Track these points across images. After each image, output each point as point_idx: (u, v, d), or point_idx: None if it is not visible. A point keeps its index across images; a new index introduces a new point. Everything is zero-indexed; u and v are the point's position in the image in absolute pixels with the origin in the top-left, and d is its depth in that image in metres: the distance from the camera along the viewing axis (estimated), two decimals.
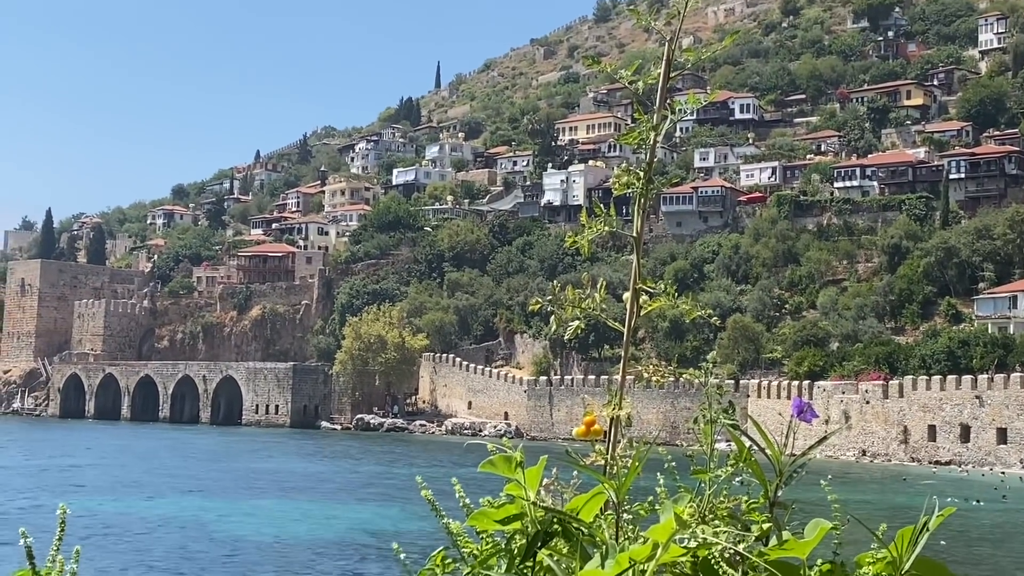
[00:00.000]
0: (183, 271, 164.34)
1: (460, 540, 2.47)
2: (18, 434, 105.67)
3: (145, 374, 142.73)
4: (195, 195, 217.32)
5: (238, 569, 30.58)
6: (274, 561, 32.18)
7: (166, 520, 41.04)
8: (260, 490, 53.83)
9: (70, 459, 71.39)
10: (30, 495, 47.69)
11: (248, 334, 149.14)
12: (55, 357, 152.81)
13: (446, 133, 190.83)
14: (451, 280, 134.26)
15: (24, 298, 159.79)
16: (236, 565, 31.25)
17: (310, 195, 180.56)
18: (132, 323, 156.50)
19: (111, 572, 28.78)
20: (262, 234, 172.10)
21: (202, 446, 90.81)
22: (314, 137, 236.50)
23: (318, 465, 72.50)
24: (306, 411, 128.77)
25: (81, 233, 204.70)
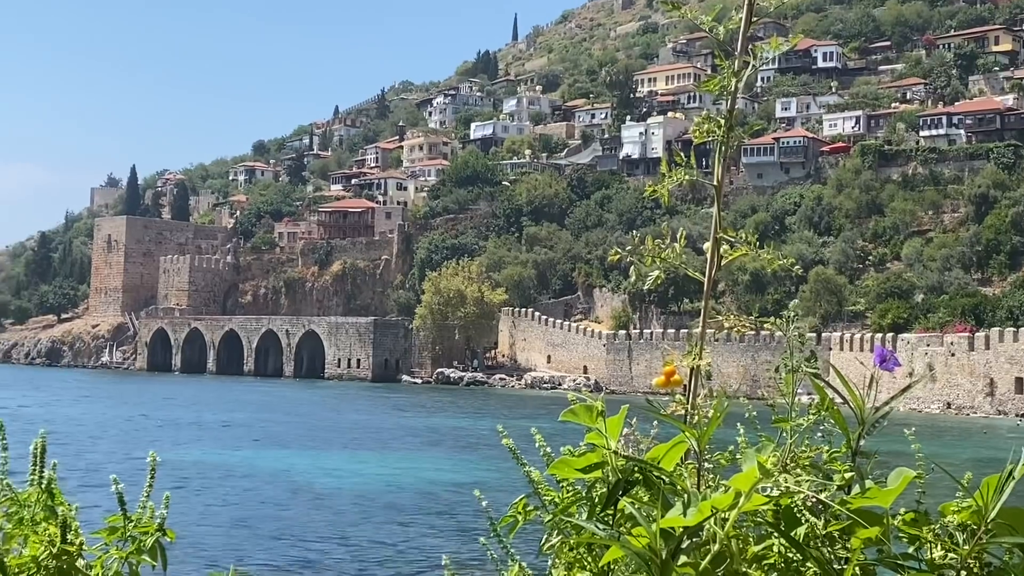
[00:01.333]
0: (265, 227, 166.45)
1: (541, 488, 2.50)
2: (109, 387, 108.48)
3: (229, 328, 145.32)
4: (275, 151, 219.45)
5: (323, 519, 31.17)
6: (359, 511, 32.73)
7: (254, 471, 41.92)
8: (343, 442, 54.68)
9: (161, 411, 73.15)
10: (125, 445, 48.99)
11: (329, 289, 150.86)
12: (142, 312, 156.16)
13: (524, 86, 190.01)
14: (529, 234, 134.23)
15: (111, 254, 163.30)
16: (321, 516, 31.86)
17: (388, 150, 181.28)
18: (216, 278, 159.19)
19: (201, 521, 29.52)
20: (342, 190, 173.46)
21: (287, 398, 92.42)
22: (392, 92, 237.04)
23: (401, 418, 73.40)
24: (387, 365, 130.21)
25: (165, 190, 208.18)
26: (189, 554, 23.61)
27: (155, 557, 2.42)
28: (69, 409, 71.99)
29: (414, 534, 28.56)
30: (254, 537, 27.93)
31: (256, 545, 26.91)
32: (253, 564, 23.49)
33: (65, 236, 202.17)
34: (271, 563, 24.54)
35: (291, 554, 25.83)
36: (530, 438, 2.49)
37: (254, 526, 29.54)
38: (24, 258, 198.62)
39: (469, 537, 25.65)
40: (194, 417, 68.39)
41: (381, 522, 30.62)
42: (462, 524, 29.12)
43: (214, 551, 25.18)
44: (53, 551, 2.35)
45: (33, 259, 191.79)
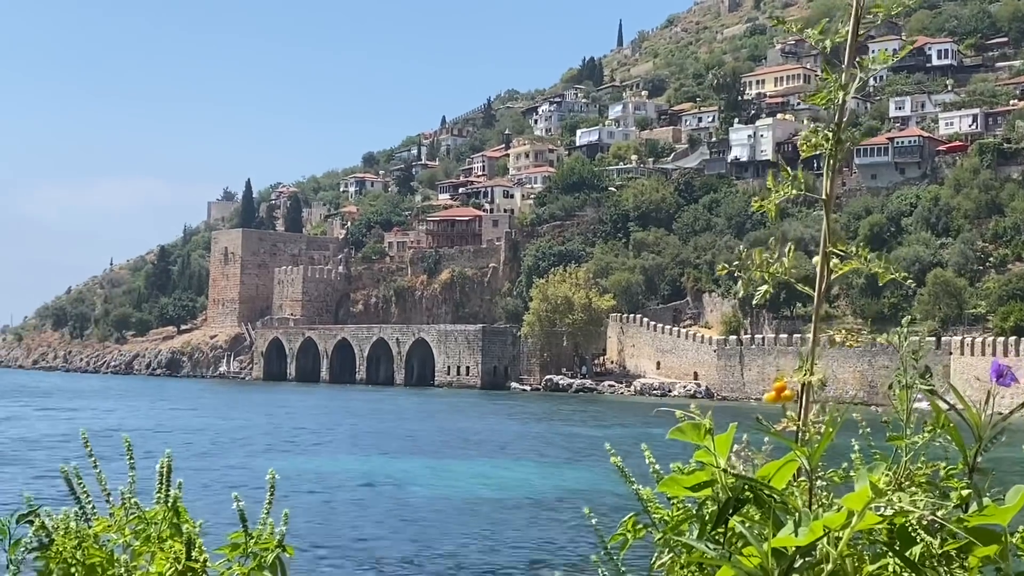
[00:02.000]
0: (375, 237, 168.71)
1: (651, 506, 2.49)
2: (226, 396, 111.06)
3: (342, 337, 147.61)
4: (384, 162, 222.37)
5: (431, 527, 31.41)
6: (466, 520, 32.91)
7: (367, 479, 42.44)
8: (453, 449, 55.08)
9: (279, 419, 74.62)
10: (246, 454, 50.09)
11: (438, 297, 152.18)
12: (257, 322, 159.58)
13: (629, 92, 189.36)
14: (637, 240, 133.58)
15: (227, 266, 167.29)
16: (428, 523, 32.10)
17: (495, 159, 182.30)
18: (328, 288, 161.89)
19: (316, 531, 29.99)
20: (449, 199, 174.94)
21: (398, 406, 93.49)
22: (498, 101, 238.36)
23: (510, 424, 73.64)
24: (496, 372, 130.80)
25: (279, 202, 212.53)
26: (308, 569, 24.02)
27: (275, 573, 2.48)
28: (193, 419, 73.92)
29: (524, 547, 28.60)
30: (371, 547, 28.28)
31: (373, 554, 27.23)
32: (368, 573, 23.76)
33: (183, 249, 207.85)
34: (386, 572, 24.80)
35: (402, 565, 26.07)
36: (642, 444, 2.51)
37: (370, 536, 29.92)
38: (144, 271, 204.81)
39: (579, 553, 25.61)
40: (311, 425, 69.60)
41: (490, 533, 30.74)
42: (572, 537, 29.07)
43: (330, 564, 25.56)
44: (179, 568, 2.40)
45: (153, 272, 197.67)
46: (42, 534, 2.44)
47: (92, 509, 2.58)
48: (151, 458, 2.67)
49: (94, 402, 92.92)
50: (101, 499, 2.63)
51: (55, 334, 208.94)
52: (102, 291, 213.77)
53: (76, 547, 2.41)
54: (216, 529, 2.67)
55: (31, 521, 2.45)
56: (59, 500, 2.70)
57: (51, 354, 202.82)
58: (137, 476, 2.63)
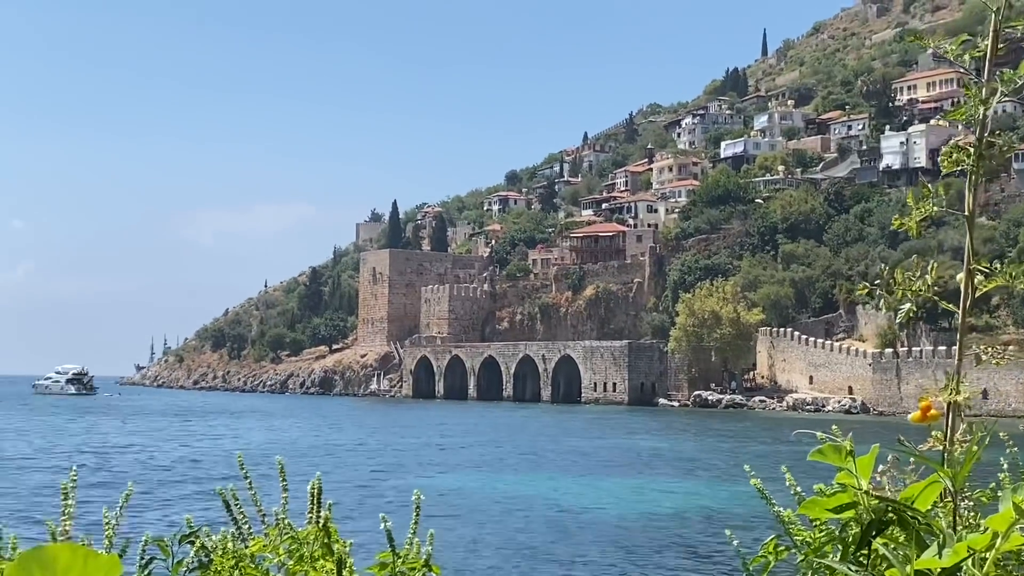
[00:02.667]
0: (519, 254, 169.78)
1: (792, 528, 2.49)
2: (379, 414, 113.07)
3: (488, 355, 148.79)
4: (527, 180, 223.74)
5: (576, 545, 31.36)
6: (610, 538, 32.77)
7: (514, 496, 42.65)
8: (600, 466, 54.89)
9: (432, 437, 75.61)
10: (387, 471, 50.92)
11: (583, 313, 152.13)
12: (406, 341, 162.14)
13: (775, 101, 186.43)
14: (786, 252, 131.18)
15: (376, 286, 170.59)
16: (574, 541, 32.06)
17: (638, 173, 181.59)
18: (474, 306, 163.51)
19: (464, 550, 30.26)
20: (592, 215, 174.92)
21: (546, 423, 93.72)
22: (640, 115, 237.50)
23: (656, 442, 73.06)
24: (643, 388, 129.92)
25: (424, 222, 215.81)
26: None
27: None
28: (350, 437, 75.52)
29: (664, 567, 28.33)
30: (515, 565, 28.39)
31: (521, 571, 27.33)
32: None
33: (333, 270, 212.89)
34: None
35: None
36: (793, 463, 2.51)
37: (515, 553, 30.04)
38: (297, 292, 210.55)
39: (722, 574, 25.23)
40: (459, 442, 70.35)
41: (634, 551, 30.55)
42: (715, 559, 28.66)
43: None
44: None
45: (305, 293, 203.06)
46: (202, 554, 2.55)
47: (248, 529, 2.67)
48: (309, 477, 2.77)
49: (256, 422, 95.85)
50: (257, 520, 2.74)
51: (214, 355, 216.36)
52: (257, 312, 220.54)
53: (233, 566, 2.52)
54: (366, 548, 2.76)
55: (192, 542, 2.57)
56: (220, 520, 2.82)
57: (210, 374, 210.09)
58: (291, 496, 2.74)
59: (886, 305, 2.68)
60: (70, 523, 2.51)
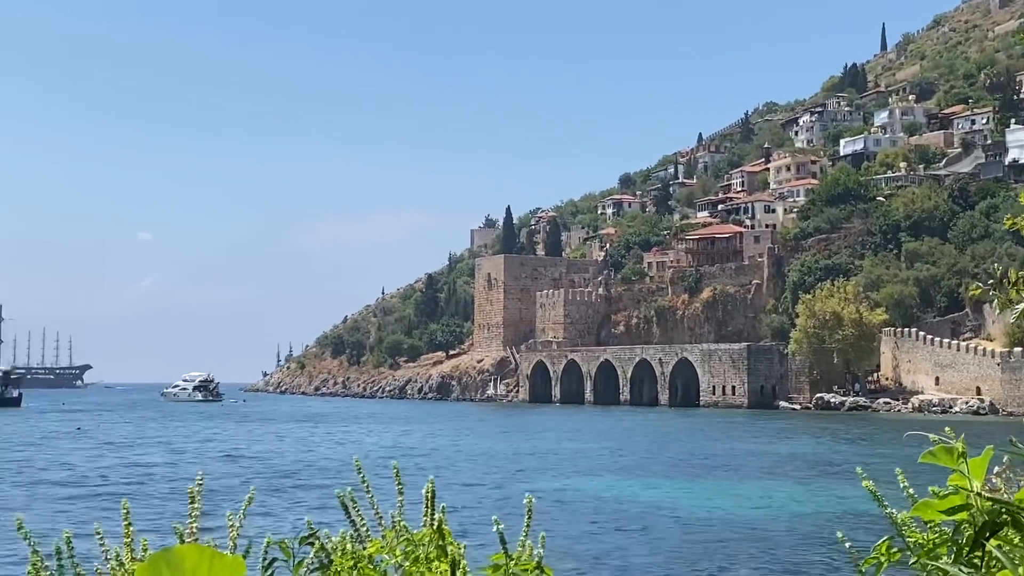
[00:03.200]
0: (634, 257, 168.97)
1: (905, 530, 2.50)
2: (498, 419, 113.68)
3: (605, 359, 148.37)
4: (641, 182, 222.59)
5: (691, 549, 31.05)
6: (726, 541, 32.37)
7: (625, 499, 42.44)
8: (719, 470, 54.28)
9: (552, 442, 75.74)
10: (509, 475, 51.13)
11: (700, 316, 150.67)
12: (522, 346, 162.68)
13: (895, 97, 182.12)
14: (909, 250, 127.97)
15: (491, 292, 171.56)
16: (689, 545, 31.75)
17: (754, 173, 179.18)
18: (589, 310, 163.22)
19: (576, 554, 30.21)
20: (708, 216, 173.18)
21: (665, 427, 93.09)
22: (756, 114, 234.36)
23: (778, 445, 71.95)
24: (763, 391, 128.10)
25: (538, 227, 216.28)
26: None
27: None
28: (473, 442, 76.13)
29: (778, 570, 27.84)
30: (627, 569, 28.23)
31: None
32: None
33: (449, 276, 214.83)
34: None
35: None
36: (895, 468, 2.51)
37: (627, 557, 29.87)
38: (414, 299, 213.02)
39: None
40: (579, 447, 70.31)
41: (751, 554, 30.13)
42: (829, 560, 28.04)
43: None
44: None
45: (421, 299, 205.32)
46: (322, 555, 2.63)
47: (366, 531, 2.74)
48: (436, 481, 2.80)
49: (386, 426, 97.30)
50: (374, 522, 2.78)
51: (334, 361, 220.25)
52: (375, 319, 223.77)
53: (352, 567, 2.59)
54: (480, 550, 2.77)
55: (312, 543, 2.64)
56: (339, 522, 2.85)
57: (331, 380, 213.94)
58: (404, 500, 2.84)
59: (999, 304, 2.63)
60: (196, 525, 2.62)
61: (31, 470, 53.98)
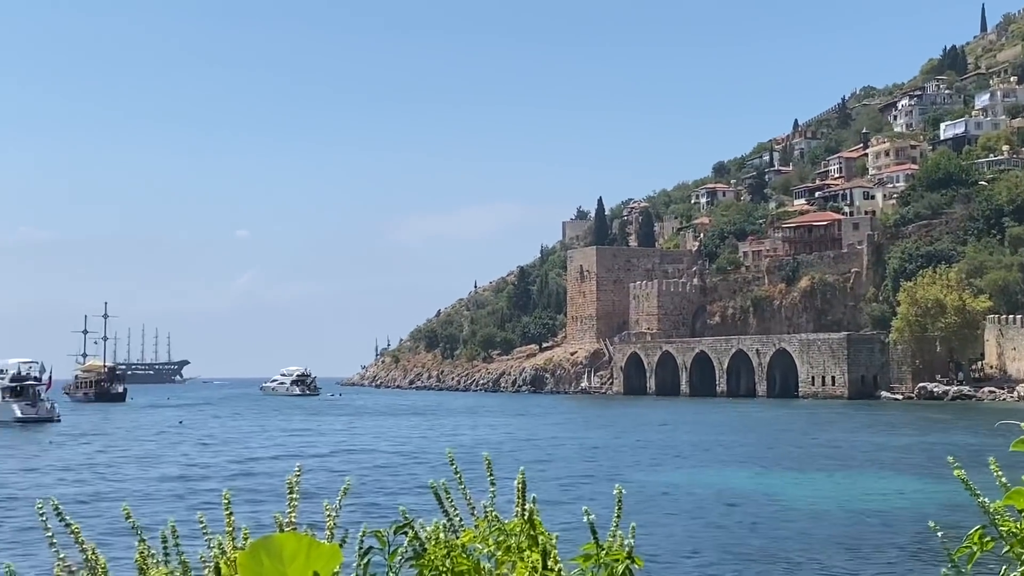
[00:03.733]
0: (729, 247, 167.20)
1: (998, 519, 2.49)
2: (591, 411, 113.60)
3: (700, 350, 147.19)
4: (735, 171, 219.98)
5: (791, 544, 30.67)
6: (819, 531, 31.94)
7: (722, 492, 42.11)
8: (820, 461, 53.57)
9: (652, 433, 75.54)
10: (614, 468, 51.09)
11: (798, 306, 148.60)
12: (615, 337, 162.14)
13: (996, 79, 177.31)
14: (1013, 235, 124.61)
15: (584, 283, 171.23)
16: (780, 538, 31.38)
17: (852, 159, 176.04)
18: (684, 301, 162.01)
19: (670, 546, 30.07)
20: (805, 204, 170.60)
21: (758, 418, 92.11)
22: (853, 99, 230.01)
23: (879, 437, 70.72)
24: (863, 381, 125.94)
25: (630, 218, 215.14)
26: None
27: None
28: (576, 434, 76.32)
29: (869, 563, 27.40)
30: (720, 561, 28.03)
31: (721, 570, 26.96)
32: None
33: (541, 269, 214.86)
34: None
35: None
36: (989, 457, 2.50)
37: (720, 550, 29.66)
38: (506, 292, 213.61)
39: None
40: (682, 439, 69.97)
41: (844, 544, 29.75)
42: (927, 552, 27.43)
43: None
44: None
45: (514, 292, 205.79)
46: (416, 544, 2.68)
47: (459, 521, 2.78)
48: (531, 473, 2.84)
49: (483, 419, 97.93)
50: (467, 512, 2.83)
51: (428, 355, 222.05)
52: (468, 312, 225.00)
53: (445, 556, 2.64)
54: (571, 540, 2.80)
55: (406, 532, 2.69)
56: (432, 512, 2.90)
57: (425, 374, 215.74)
58: (496, 491, 2.87)
59: None
60: (295, 515, 2.70)
61: (139, 464, 55.49)
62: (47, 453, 63.63)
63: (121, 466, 54.04)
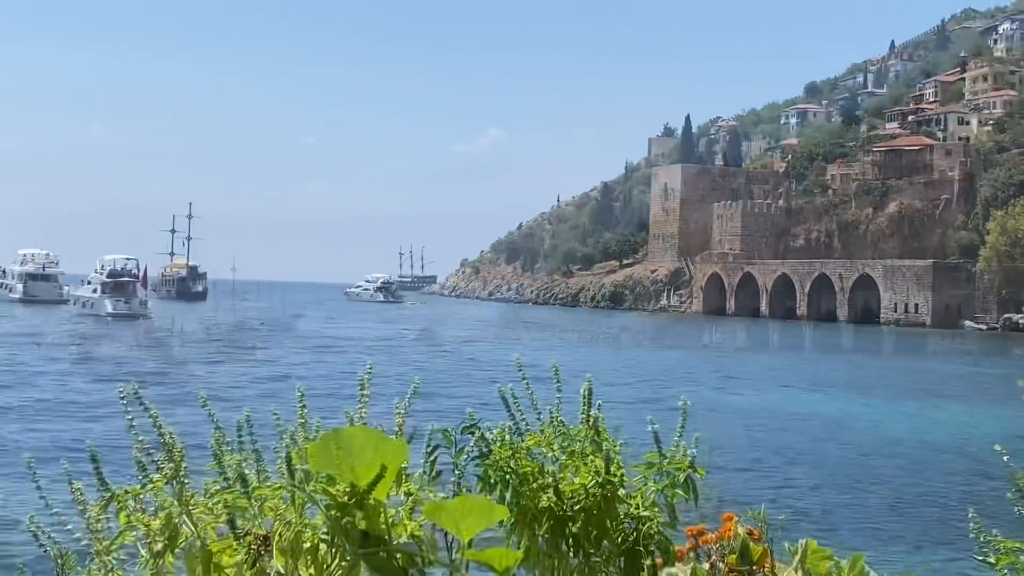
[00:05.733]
0: (816, 170, 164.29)
1: None
2: (669, 330, 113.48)
3: (781, 273, 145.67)
4: (828, 92, 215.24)
5: (856, 468, 30.61)
6: (890, 458, 31.80)
7: (790, 414, 42.00)
8: (899, 390, 53.13)
9: (725, 356, 75.40)
10: (673, 385, 51.21)
11: (884, 231, 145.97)
12: (696, 257, 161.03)
13: None
14: None
15: (667, 201, 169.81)
16: (854, 463, 31.31)
17: (949, 84, 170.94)
18: (768, 223, 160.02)
19: (734, 461, 30.18)
20: (897, 128, 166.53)
21: (842, 346, 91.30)
22: (952, 21, 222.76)
23: (958, 366, 69.77)
24: (947, 310, 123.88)
25: (718, 137, 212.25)
26: (719, 491, 24.21)
27: (687, 491, 2.68)
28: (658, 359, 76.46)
29: (937, 489, 27.21)
30: (786, 480, 28.08)
31: (787, 487, 27.01)
32: (781, 505, 23.61)
33: (625, 186, 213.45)
34: (797, 505, 24.52)
35: (815, 500, 25.65)
36: None
37: (787, 469, 29.70)
38: (588, 207, 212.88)
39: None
40: (751, 361, 69.79)
41: (910, 471, 29.61)
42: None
43: (743, 489, 25.65)
44: (599, 480, 2.65)
45: (596, 208, 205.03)
46: (481, 444, 2.73)
47: (525, 425, 2.84)
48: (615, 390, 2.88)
49: (558, 342, 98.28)
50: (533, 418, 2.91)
51: (508, 267, 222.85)
52: (550, 227, 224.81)
53: (510, 457, 2.69)
54: (634, 449, 2.86)
55: (472, 433, 2.75)
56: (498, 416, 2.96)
57: (504, 287, 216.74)
58: (562, 397, 2.92)
59: None
60: (365, 410, 2.77)
61: (219, 358, 56.85)
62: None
63: (209, 361, 55.41)
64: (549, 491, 2.65)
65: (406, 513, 2.41)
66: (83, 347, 63.88)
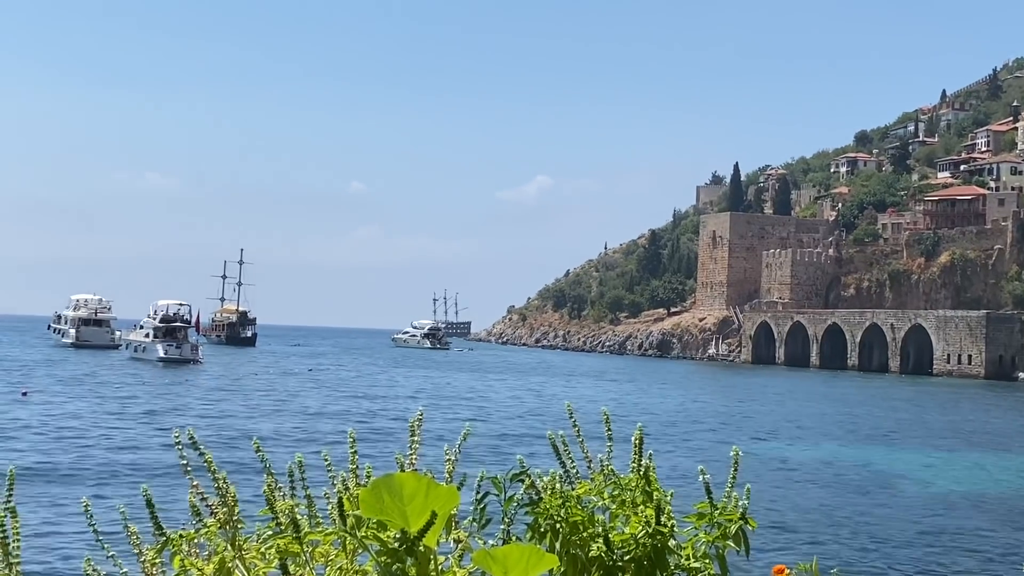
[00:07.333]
0: (867, 218, 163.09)
1: None
2: (719, 379, 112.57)
3: (832, 322, 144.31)
4: (878, 140, 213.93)
5: (903, 520, 30.06)
6: (938, 512, 31.19)
7: (844, 467, 41.41)
8: (951, 441, 52.27)
9: (777, 404, 74.69)
10: (722, 435, 50.75)
11: (936, 281, 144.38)
12: (746, 305, 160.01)
13: None
14: None
15: (716, 249, 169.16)
16: (901, 516, 30.75)
17: (1001, 133, 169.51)
18: (818, 272, 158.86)
19: (786, 512, 29.78)
20: (949, 177, 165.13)
21: (893, 395, 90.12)
22: (1005, 71, 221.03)
23: (1012, 418, 68.56)
24: (1002, 361, 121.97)
25: (767, 185, 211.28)
26: (770, 543, 23.99)
27: (739, 543, 2.65)
28: (709, 402, 75.98)
29: (987, 544, 26.64)
30: (836, 532, 27.64)
31: (836, 540, 26.58)
32: (833, 559, 23.23)
33: (673, 233, 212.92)
34: (848, 559, 24.11)
35: (869, 553, 25.22)
36: None
37: (838, 520, 29.24)
38: (636, 255, 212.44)
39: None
40: (800, 411, 69.05)
41: (961, 527, 29.02)
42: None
43: (793, 542, 25.30)
44: (649, 531, 2.63)
45: (644, 256, 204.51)
46: (532, 492, 2.72)
47: (576, 473, 2.83)
48: (658, 439, 2.86)
49: (612, 383, 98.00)
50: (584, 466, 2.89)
51: (555, 314, 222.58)
52: (597, 274, 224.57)
53: (560, 506, 2.67)
54: (683, 500, 2.84)
55: (522, 480, 2.75)
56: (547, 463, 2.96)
57: (551, 333, 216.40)
58: (613, 446, 2.94)
59: None
60: (416, 457, 2.79)
61: (268, 405, 57.16)
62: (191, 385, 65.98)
63: (260, 408, 55.73)
64: (599, 540, 2.63)
65: (455, 560, 2.41)
66: (130, 390, 64.54)
